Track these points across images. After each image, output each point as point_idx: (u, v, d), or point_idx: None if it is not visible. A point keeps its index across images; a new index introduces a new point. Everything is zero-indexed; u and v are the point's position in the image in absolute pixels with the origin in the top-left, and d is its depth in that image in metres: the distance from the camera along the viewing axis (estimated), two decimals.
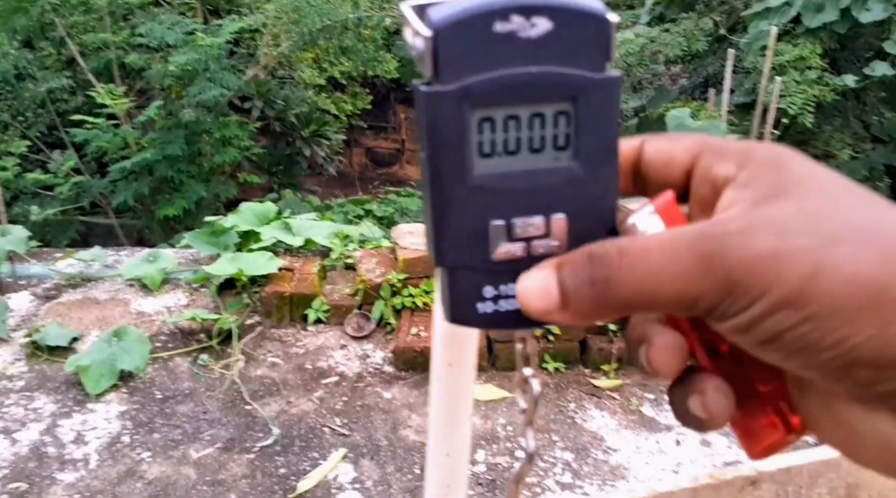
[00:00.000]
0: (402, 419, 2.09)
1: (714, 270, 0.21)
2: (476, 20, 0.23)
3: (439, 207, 0.25)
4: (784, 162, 0.23)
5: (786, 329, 0.20)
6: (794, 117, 3.47)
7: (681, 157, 0.25)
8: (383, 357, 2.38)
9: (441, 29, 0.23)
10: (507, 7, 0.23)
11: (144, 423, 2.02)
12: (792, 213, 0.21)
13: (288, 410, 2.10)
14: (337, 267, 2.72)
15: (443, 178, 0.24)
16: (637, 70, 4.02)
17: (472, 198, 0.24)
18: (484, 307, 0.26)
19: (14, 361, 2.28)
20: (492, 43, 0.23)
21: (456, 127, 0.24)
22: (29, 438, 1.93)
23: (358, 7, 4.01)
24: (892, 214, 0.21)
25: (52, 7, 3.85)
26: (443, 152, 0.24)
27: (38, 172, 3.89)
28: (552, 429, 2.10)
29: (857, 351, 0.20)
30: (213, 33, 3.94)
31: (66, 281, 2.68)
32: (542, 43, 0.23)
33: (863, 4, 3.56)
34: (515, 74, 0.23)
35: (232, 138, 4.22)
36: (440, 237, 0.25)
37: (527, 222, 0.25)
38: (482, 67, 0.23)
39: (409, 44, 0.25)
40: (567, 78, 0.24)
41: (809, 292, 0.20)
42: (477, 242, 0.25)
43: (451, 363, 0.61)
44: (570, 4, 0.23)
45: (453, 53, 0.23)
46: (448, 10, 0.23)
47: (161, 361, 2.30)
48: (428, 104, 0.23)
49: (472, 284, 0.25)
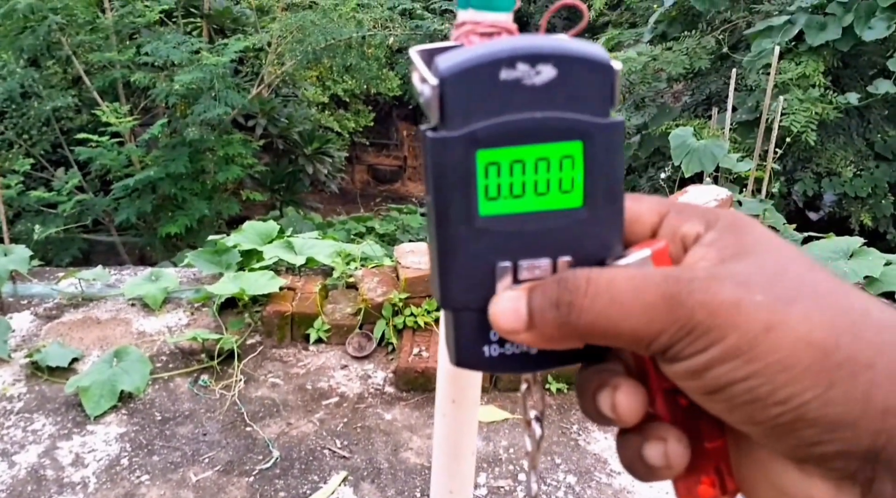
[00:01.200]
0: (403, 441, 2.07)
1: (677, 309, 0.22)
2: (482, 68, 0.23)
3: (445, 250, 0.25)
4: (744, 227, 0.25)
5: (736, 380, 0.21)
6: (797, 135, 3.47)
7: (647, 217, 0.27)
8: (384, 377, 2.36)
9: (448, 77, 0.23)
10: (514, 56, 0.23)
11: (144, 445, 2.00)
12: (752, 271, 0.22)
13: (288, 432, 2.08)
14: (338, 286, 2.71)
15: (449, 221, 0.24)
16: (640, 88, 4.04)
17: (478, 240, 0.25)
18: (490, 350, 0.26)
19: (14, 381, 2.26)
20: (498, 90, 0.23)
21: (462, 171, 0.24)
22: (27, 460, 1.91)
23: (361, 26, 4.06)
24: (834, 280, 0.23)
25: (59, 27, 3.90)
26: (449, 196, 0.24)
27: (42, 190, 3.91)
28: (555, 451, 2.07)
29: (802, 409, 0.20)
30: (219, 52, 3.99)
31: (68, 300, 2.67)
32: (547, 89, 0.24)
33: (865, 22, 3.58)
34: (521, 120, 0.24)
35: (235, 156, 4.24)
36: (446, 279, 0.25)
37: (533, 264, 0.25)
38: (488, 113, 0.24)
39: (417, 89, 0.25)
40: (572, 123, 0.24)
41: (763, 346, 0.21)
42: (483, 285, 0.25)
43: (455, 400, 0.61)
44: (574, 52, 0.24)
45: (460, 101, 0.23)
46: (455, 58, 0.24)
47: (161, 381, 2.28)
48: (434, 149, 0.24)
49: (477, 327, 0.26)
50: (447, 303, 0.25)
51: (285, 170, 5.35)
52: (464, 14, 0.27)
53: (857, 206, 3.84)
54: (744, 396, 0.21)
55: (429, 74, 0.24)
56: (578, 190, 0.25)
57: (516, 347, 0.26)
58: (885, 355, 0.21)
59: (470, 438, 0.65)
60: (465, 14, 0.27)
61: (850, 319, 0.21)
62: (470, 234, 0.24)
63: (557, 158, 0.24)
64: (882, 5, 3.53)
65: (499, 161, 0.24)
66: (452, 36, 0.27)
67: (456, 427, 0.63)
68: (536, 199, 0.25)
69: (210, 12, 4.61)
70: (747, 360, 0.21)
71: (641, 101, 4.20)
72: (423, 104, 0.24)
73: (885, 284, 2.80)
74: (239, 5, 4.88)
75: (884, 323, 0.22)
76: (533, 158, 0.24)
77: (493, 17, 0.26)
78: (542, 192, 0.25)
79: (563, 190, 0.25)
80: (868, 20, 3.55)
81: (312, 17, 3.98)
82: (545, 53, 0.23)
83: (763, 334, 0.21)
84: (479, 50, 0.23)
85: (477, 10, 0.26)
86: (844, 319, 0.21)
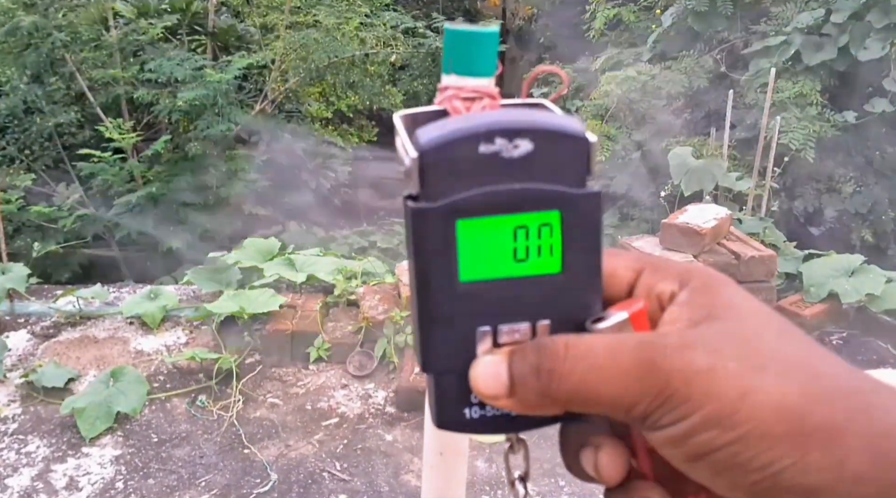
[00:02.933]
0: (403, 463, 2.04)
1: (653, 376, 0.22)
2: (461, 143, 0.24)
3: (426, 314, 0.25)
4: (716, 287, 0.25)
5: (717, 447, 0.21)
6: (795, 152, 3.49)
7: (623, 274, 0.27)
8: (385, 397, 2.33)
9: (428, 151, 0.24)
10: (492, 131, 0.24)
11: (139, 467, 1.96)
12: (724, 337, 0.23)
13: (287, 454, 2.05)
14: (339, 304, 2.69)
15: (430, 287, 0.25)
16: (639, 105, 4.08)
17: (459, 305, 0.25)
18: (471, 412, 0.27)
19: (9, 402, 2.24)
20: (477, 162, 0.24)
21: (443, 240, 0.25)
22: (20, 484, 1.88)
23: (364, 44, 4.11)
24: (808, 344, 0.23)
25: (63, 44, 3.94)
26: (430, 262, 0.25)
27: (43, 205, 3.91)
28: (558, 473, 2.04)
29: (780, 477, 0.21)
30: (222, 69, 4.02)
31: (66, 319, 2.66)
32: (525, 162, 0.24)
33: (861, 43, 3.62)
34: (500, 191, 0.25)
35: (238, 171, 4.26)
36: (427, 343, 0.26)
37: (513, 328, 0.26)
38: (468, 185, 0.24)
39: (399, 155, 0.26)
40: (549, 193, 0.25)
41: (740, 414, 0.21)
42: (464, 348, 0.26)
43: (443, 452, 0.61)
44: (551, 127, 0.25)
45: (439, 173, 0.24)
46: (435, 132, 0.24)
47: (158, 401, 2.25)
48: (415, 218, 0.25)
49: (459, 390, 0.26)
50: (429, 367, 0.26)
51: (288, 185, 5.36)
52: (447, 79, 0.28)
53: (857, 223, 3.85)
54: (724, 462, 0.21)
55: (410, 146, 0.24)
56: (557, 256, 0.26)
57: (497, 409, 0.26)
58: (855, 422, 0.21)
59: (458, 490, 0.65)
60: (448, 79, 0.28)
61: (822, 385, 0.22)
62: (451, 299, 0.25)
63: (536, 226, 0.25)
64: (876, 26, 3.58)
65: (478, 230, 0.25)
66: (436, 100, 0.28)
67: (444, 478, 0.63)
68: (516, 266, 0.25)
69: (215, 30, 4.66)
70: (726, 427, 0.21)
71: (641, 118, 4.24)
72: (404, 173, 0.25)
73: (885, 301, 2.79)
74: (243, 23, 4.94)
75: (853, 389, 0.22)
76: (512, 227, 0.25)
77: (475, 82, 0.27)
78: (521, 259, 0.25)
79: (541, 257, 0.26)
80: (863, 41, 3.60)
81: (316, 35, 4.03)
82: (522, 128, 0.24)
83: (739, 401, 0.21)
84: (459, 124, 0.24)
85: (459, 76, 0.27)
86: (815, 385, 0.22)
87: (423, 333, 0.26)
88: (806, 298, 2.90)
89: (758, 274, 2.27)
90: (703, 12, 3.88)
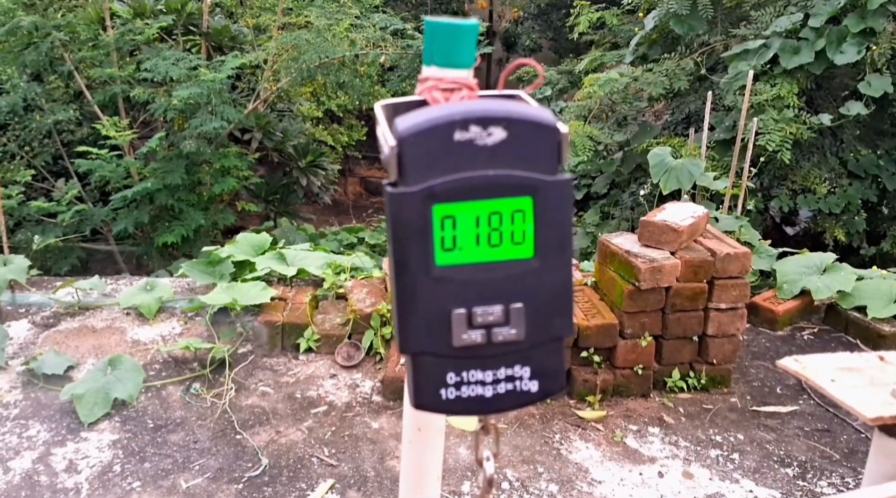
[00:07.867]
0: (389, 450, 2.12)
1: None
2: (437, 130, 0.25)
3: (404, 297, 0.26)
4: None
5: None
6: (772, 153, 3.60)
7: None
8: (372, 386, 2.42)
9: (406, 138, 0.25)
10: (467, 119, 0.25)
11: (136, 452, 2.04)
12: None
13: (277, 440, 2.12)
14: (329, 297, 2.78)
15: (408, 271, 0.26)
16: (622, 107, 4.18)
17: (435, 288, 0.26)
18: (447, 393, 0.27)
19: (10, 388, 2.32)
20: (452, 149, 0.25)
21: (420, 224, 0.26)
22: (22, 466, 1.96)
23: (355, 45, 4.19)
24: None
25: (62, 43, 4.01)
26: (407, 246, 0.26)
27: (42, 200, 3.99)
28: (537, 460, 2.10)
29: None
30: (216, 69, 4.10)
31: (65, 309, 2.73)
32: (498, 149, 0.25)
33: (837, 47, 3.73)
34: (474, 177, 0.26)
35: (231, 168, 4.34)
36: (405, 325, 0.27)
37: (486, 311, 0.26)
38: (444, 171, 0.25)
39: (380, 143, 0.27)
40: (522, 180, 0.26)
41: None
42: (440, 330, 0.26)
43: (420, 428, 0.62)
44: (523, 116, 0.26)
45: (417, 159, 0.25)
46: (412, 120, 0.25)
47: (154, 389, 2.34)
48: (393, 203, 0.26)
49: (435, 371, 0.27)
50: (406, 348, 0.27)
51: (280, 182, 5.46)
52: (427, 70, 0.28)
53: (831, 222, 3.97)
54: None
55: (389, 134, 0.25)
56: (529, 242, 0.26)
57: (472, 390, 0.27)
58: None
59: (435, 464, 0.66)
60: (429, 71, 0.28)
61: None
62: (427, 283, 0.26)
63: (509, 212, 0.26)
64: (852, 31, 3.69)
65: (454, 215, 0.26)
66: (417, 90, 0.29)
67: (422, 453, 0.64)
68: (490, 251, 0.26)
69: (209, 30, 4.73)
70: None
71: (624, 119, 4.34)
72: (384, 161, 0.26)
73: (856, 298, 2.88)
74: (237, 24, 5.02)
75: None
76: (486, 212, 0.26)
77: (454, 73, 0.28)
78: (495, 244, 0.26)
79: (514, 242, 0.26)
80: (839, 45, 3.70)
81: (307, 36, 4.11)
82: (496, 117, 0.25)
83: None
84: (435, 112, 0.25)
85: (439, 68, 0.28)
86: None
87: (400, 314, 0.26)
88: (779, 294, 3.00)
89: (732, 270, 2.36)
90: (685, 16, 3.98)
